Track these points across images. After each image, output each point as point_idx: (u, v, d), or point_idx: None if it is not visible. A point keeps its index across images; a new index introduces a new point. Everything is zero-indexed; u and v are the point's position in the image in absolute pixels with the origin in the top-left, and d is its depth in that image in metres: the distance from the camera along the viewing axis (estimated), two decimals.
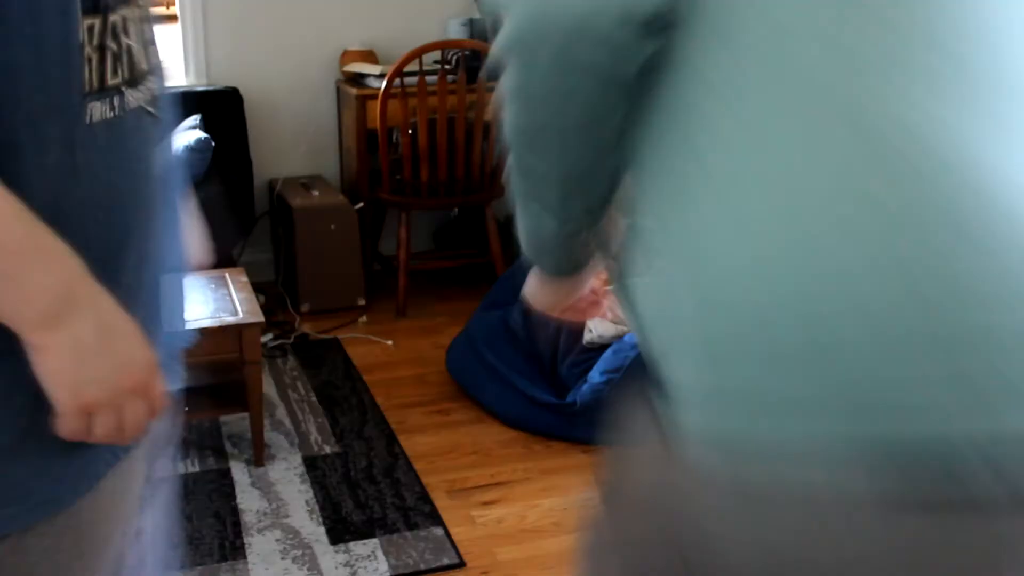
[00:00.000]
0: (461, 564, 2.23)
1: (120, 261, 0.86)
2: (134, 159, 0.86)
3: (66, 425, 0.78)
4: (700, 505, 0.77)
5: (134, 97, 0.86)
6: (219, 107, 3.75)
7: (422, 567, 2.21)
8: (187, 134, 3.35)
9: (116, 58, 0.83)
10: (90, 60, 0.79)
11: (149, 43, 0.90)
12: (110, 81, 0.82)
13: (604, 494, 0.95)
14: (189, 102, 3.71)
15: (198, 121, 3.48)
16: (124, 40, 0.84)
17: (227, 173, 3.52)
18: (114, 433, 0.80)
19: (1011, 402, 0.69)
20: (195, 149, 3.26)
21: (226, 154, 3.71)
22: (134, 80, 0.86)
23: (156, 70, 0.92)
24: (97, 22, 0.80)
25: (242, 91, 3.88)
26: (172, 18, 3.87)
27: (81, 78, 0.78)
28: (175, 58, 3.91)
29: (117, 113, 0.83)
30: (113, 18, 0.82)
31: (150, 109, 0.89)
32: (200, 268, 1.13)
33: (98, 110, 0.81)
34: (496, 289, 3.33)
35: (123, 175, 0.85)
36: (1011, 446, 0.69)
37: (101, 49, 0.81)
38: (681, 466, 0.78)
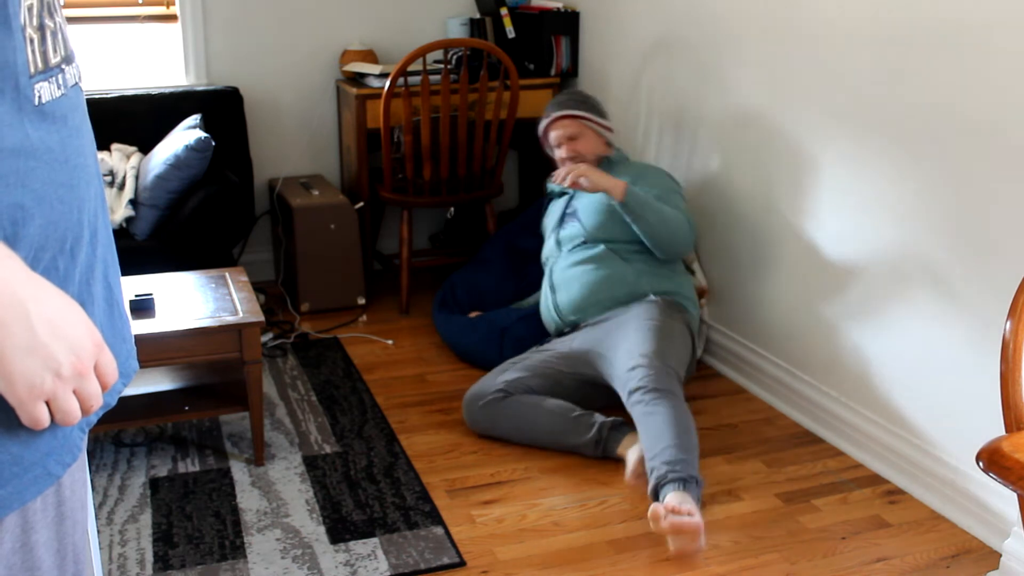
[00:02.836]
0: (461, 563, 2.23)
1: (79, 238, 0.87)
2: (79, 134, 0.88)
3: (26, 416, 0.79)
4: None
5: (71, 74, 0.87)
6: (219, 107, 3.75)
7: (422, 566, 2.21)
8: (187, 134, 3.35)
9: (54, 36, 0.84)
10: (32, 41, 0.80)
11: (65, 24, 0.92)
12: (52, 60, 0.83)
13: None
14: (189, 102, 3.71)
15: (198, 121, 3.48)
16: (57, 18, 0.85)
17: (227, 173, 3.52)
18: (73, 415, 0.81)
19: None
20: (195, 149, 3.26)
21: (226, 154, 3.71)
22: (68, 57, 0.87)
23: (74, 51, 0.94)
24: (35, 1, 0.81)
25: (242, 91, 3.88)
26: (172, 18, 3.87)
27: (26, 60, 0.79)
28: (175, 58, 3.90)
29: (62, 91, 0.85)
30: None
31: (81, 85, 0.91)
32: None
33: (46, 90, 0.82)
34: (484, 247, 3.71)
35: (74, 151, 0.86)
36: None
37: (41, 29, 0.82)
38: None
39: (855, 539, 2.33)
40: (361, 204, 3.84)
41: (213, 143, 3.32)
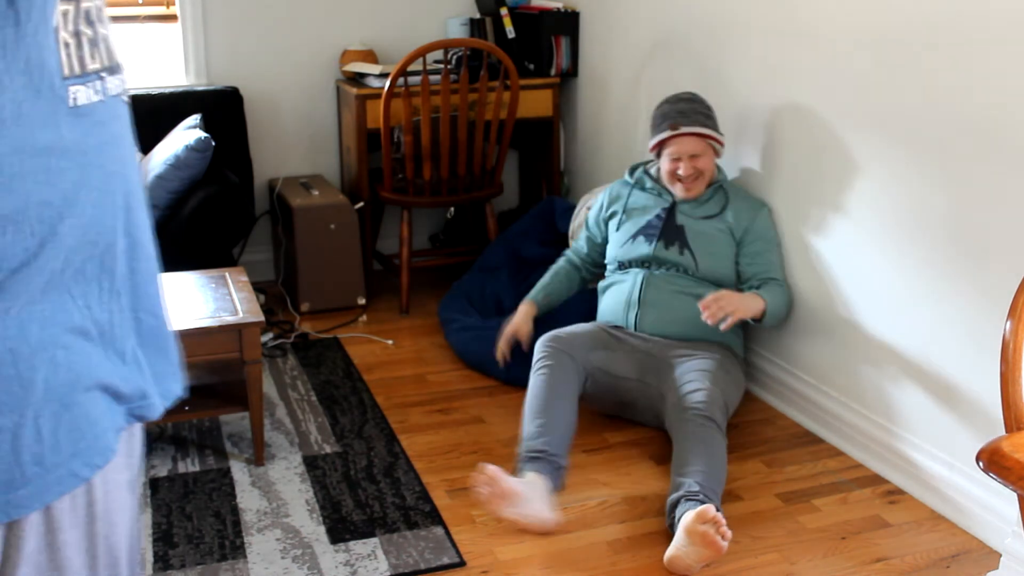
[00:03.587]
0: (461, 563, 2.23)
1: (112, 246, 0.87)
2: (118, 143, 0.89)
3: None
4: None
5: (113, 84, 0.88)
6: (219, 107, 3.75)
7: (422, 566, 2.21)
8: (187, 134, 3.34)
9: (93, 44, 0.85)
10: (67, 45, 0.82)
11: (110, 36, 0.92)
12: (90, 66, 0.84)
13: None
14: (189, 102, 3.71)
15: (198, 121, 3.48)
16: (99, 28, 0.86)
17: (227, 173, 3.52)
18: None
19: None
20: (195, 149, 3.26)
21: (226, 154, 3.71)
22: (112, 68, 0.88)
23: (122, 64, 0.94)
24: (71, 8, 0.82)
25: (242, 91, 3.88)
26: (172, 18, 3.87)
27: (59, 61, 0.80)
28: (175, 58, 3.90)
29: (101, 97, 0.85)
30: (85, 5, 0.84)
31: (125, 100, 0.92)
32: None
33: (83, 94, 0.83)
34: (487, 254, 3.70)
35: (111, 158, 0.86)
36: None
37: (77, 35, 0.83)
38: None
39: (855, 539, 2.33)
40: (361, 204, 3.84)
41: (213, 143, 3.32)
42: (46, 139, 0.79)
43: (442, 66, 3.63)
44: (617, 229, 3.02)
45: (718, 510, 2.25)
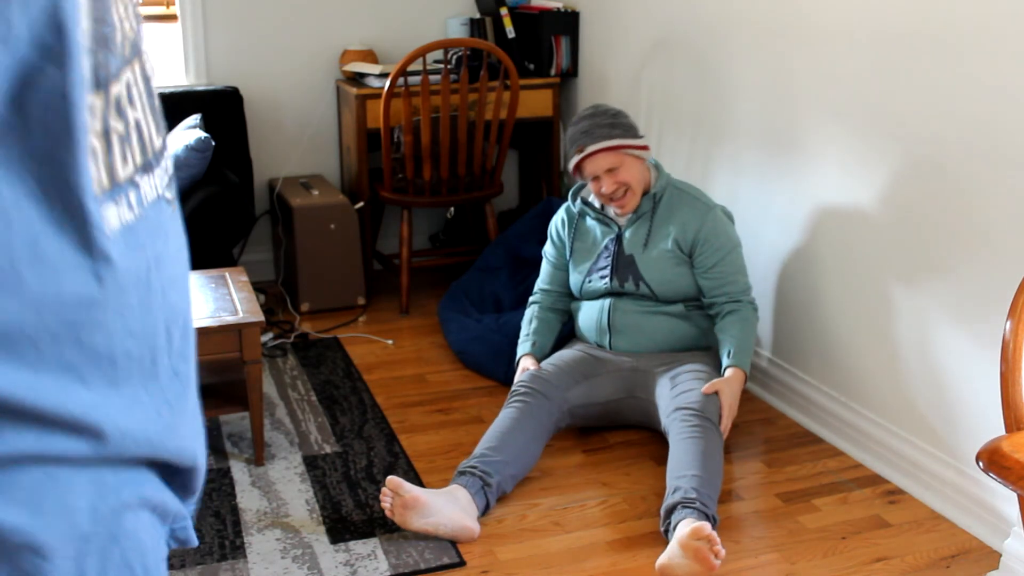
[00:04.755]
0: (461, 563, 2.23)
1: (153, 390, 0.69)
2: (161, 265, 0.69)
3: None
4: None
5: (150, 185, 0.67)
6: (219, 107, 3.75)
7: (422, 566, 2.21)
8: (187, 134, 3.35)
9: (124, 141, 0.64)
10: (95, 152, 0.60)
11: (154, 108, 0.71)
12: (121, 173, 0.63)
13: None
14: (189, 102, 3.71)
15: (198, 121, 3.48)
16: (131, 114, 0.65)
17: (227, 173, 3.52)
18: None
19: None
20: (195, 149, 3.26)
21: (226, 154, 3.71)
22: (148, 163, 0.67)
23: (165, 142, 0.72)
24: (99, 101, 0.61)
25: (242, 91, 3.88)
26: (172, 18, 3.87)
27: (89, 179, 0.59)
28: (175, 58, 3.90)
29: (136, 212, 0.65)
30: (116, 90, 0.63)
31: (168, 196, 0.71)
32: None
33: (114, 214, 0.62)
34: (487, 254, 3.69)
35: (151, 290, 0.66)
36: None
37: (106, 135, 0.62)
38: None
39: (855, 539, 2.33)
40: (361, 204, 3.84)
41: (213, 143, 3.32)
42: (77, 288, 0.58)
43: (442, 66, 3.63)
44: (574, 266, 2.89)
45: (714, 516, 2.25)
